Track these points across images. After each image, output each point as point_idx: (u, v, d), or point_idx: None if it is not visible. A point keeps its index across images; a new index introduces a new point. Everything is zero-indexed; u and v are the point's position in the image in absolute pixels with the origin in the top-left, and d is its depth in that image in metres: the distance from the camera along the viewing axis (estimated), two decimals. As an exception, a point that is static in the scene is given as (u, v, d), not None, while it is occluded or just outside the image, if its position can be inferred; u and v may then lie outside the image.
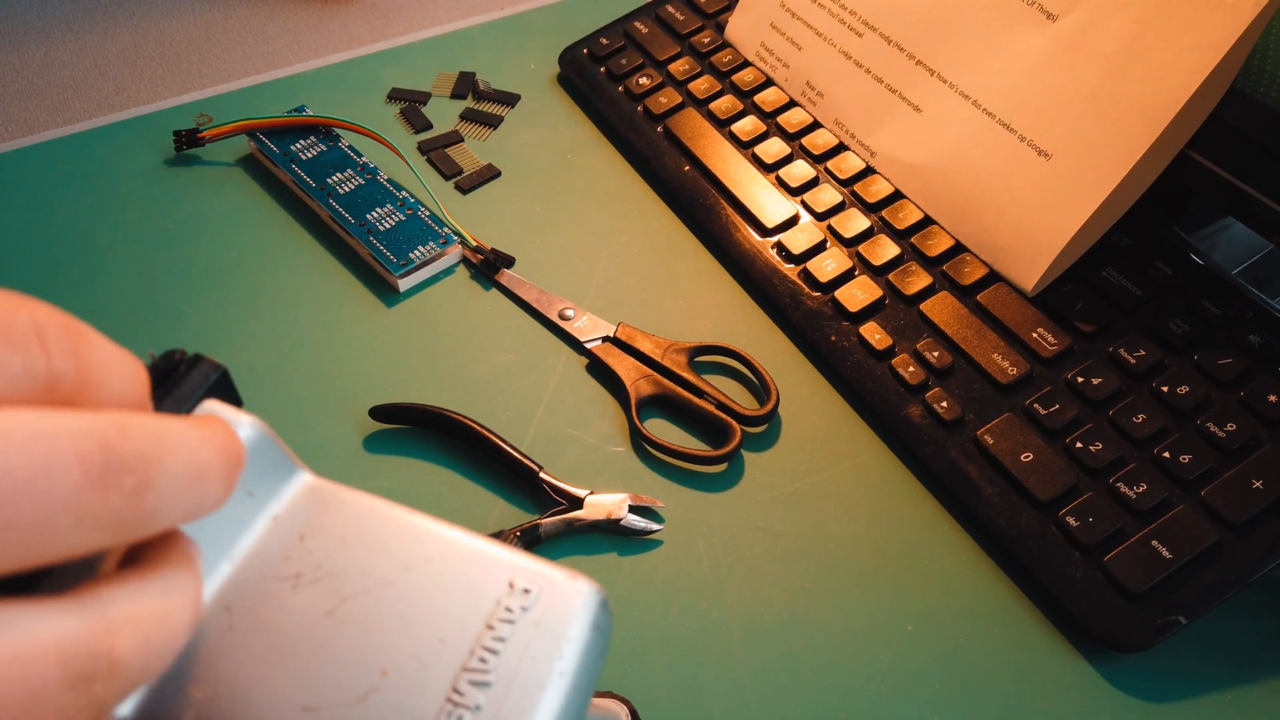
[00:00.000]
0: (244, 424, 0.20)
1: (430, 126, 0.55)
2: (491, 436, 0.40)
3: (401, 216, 0.49)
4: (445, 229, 0.49)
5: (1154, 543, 0.36)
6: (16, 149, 0.53)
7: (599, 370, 0.44)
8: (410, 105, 0.56)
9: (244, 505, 0.20)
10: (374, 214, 0.49)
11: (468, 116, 0.56)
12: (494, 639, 0.19)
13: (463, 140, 0.55)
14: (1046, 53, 0.42)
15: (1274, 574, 0.35)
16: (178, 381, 0.20)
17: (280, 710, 0.18)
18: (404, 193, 0.50)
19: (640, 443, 0.42)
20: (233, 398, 0.21)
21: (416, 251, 0.47)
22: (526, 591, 0.20)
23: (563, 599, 0.20)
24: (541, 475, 0.39)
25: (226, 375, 0.21)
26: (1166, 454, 0.37)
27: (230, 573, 0.20)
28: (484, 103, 0.57)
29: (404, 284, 0.47)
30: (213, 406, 0.20)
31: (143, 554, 0.17)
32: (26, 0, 0.63)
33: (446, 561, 0.21)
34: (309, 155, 0.51)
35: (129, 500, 0.15)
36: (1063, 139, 0.42)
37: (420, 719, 0.18)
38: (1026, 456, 0.38)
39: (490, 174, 0.53)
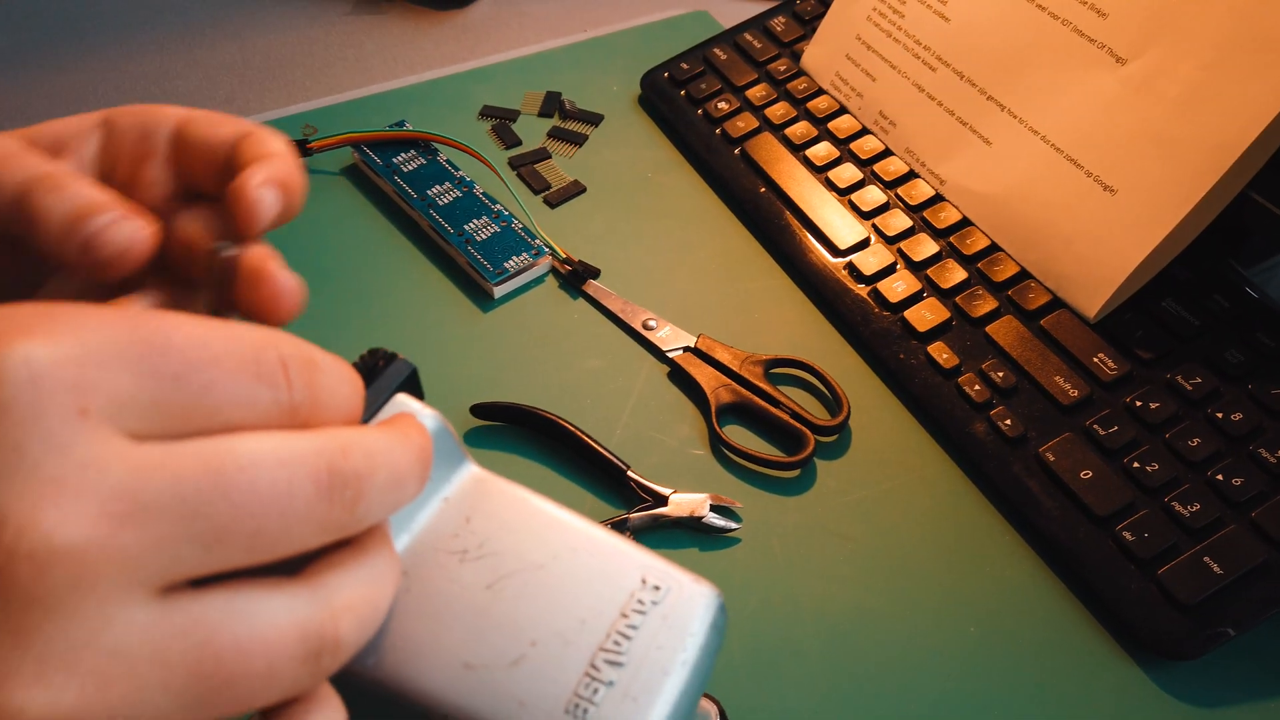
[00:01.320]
0: (427, 417, 0.24)
1: (520, 143, 0.59)
2: (583, 436, 0.43)
3: (496, 228, 0.52)
4: (537, 241, 0.52)
5: (1206, 559, 0.38)
6: (140, 154, 0.57)
7: (680, 378, 0.47)
8: (501, 122, 0.60)
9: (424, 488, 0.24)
10: (471, 225, 0.52)
11: (555, 135, 0.59)
12: (627, 626, 0.22)
13: (550, 157, 0.58)
14: (1115, 94, 0.45)
15: (1320, 593, 0.38)
16: (377, 376, 0.23)
17: (446, 664, 0.22)
18: (498, 205, 0.54)
19: (719, 447, 0.45)
20: (417, 391, 0.24)
21: (511, 261, 0.51)
22: (657, 588, 0.23)
23: (688, 598, 0.23)
24: (629, 474, 0.43)
25: (415, 373, 0.24)
26: (1219, 476, 0.40)
27: (409, 543, 0.23)
28: (569, 121, 0.60)
29: (499, 291, 0.51)
30: (403, 399, 0.24)
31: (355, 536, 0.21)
32: (141, 15, 0.68)
33: (589, 553, 0.24)
34: (410, 168, 0.55)
35: (347, 508, 0.19)
36: (1128, 175, 0.44)
37: (562, 688, 0.21)
38: (1086, 474, 0.41)
39: (576, 190, 0.56)
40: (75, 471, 0.15)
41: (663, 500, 0.42)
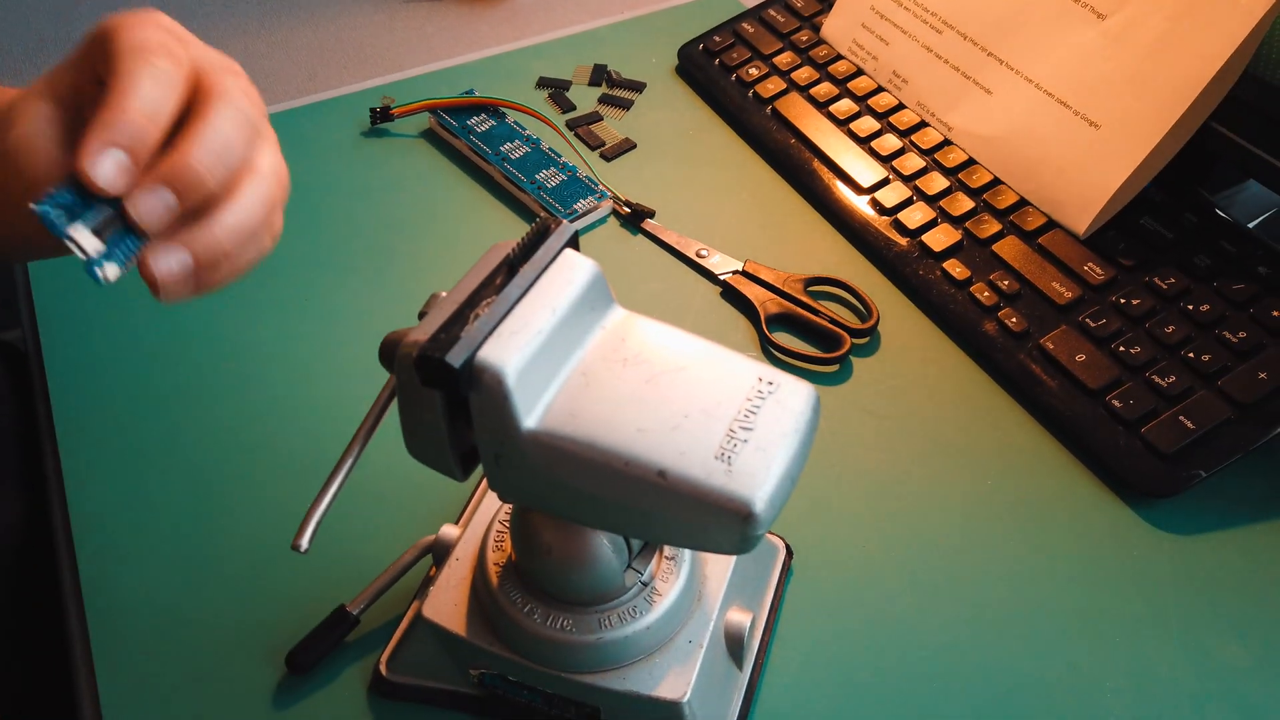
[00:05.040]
0: (589, 265, 0.31)
1: (574, 108, 0.67)
2: (656, 340, 0.51)
3: (564, 176, 0.60)
4: (600, 187, 0.60)
5: (1181, 418, 0.46)
6: (241, 122, 0.65)
7: (731, 296, 0.55)
8: (556, 91, 0.68)
9: (589, 317, 0.32)
10: (541, 175, 0.60)
11: (605, 101, 0.67)
12: (752, 407, 0.30)
13: (602, 119, 0.66)
14: (1096, 44, 0.53)
15: (1275, 443, 0.46)
16: (549, 236, 0.31)
17: (624, 430, 0.29)
18: (562, 159, 0.61)
19: (770, 349, 0.53)
20: (575, 247, 0.32)
21: (579, 204, 0.59)
22: (770, 384, 0.31)
23: (793, 391, 0.31)
24: (697, 370, 0.50)
25: (577, 234, 0.32)
26: (1191, 354, 0.48)
27: (583, 356, 0.31)
28: (616, 89, 0.68)
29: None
30: (570, 253, 0.32)
31: None
32: (218, 3, 0.76)
33: (717, 360, 0.31)
34: (483, 129, 0.63)
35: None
36: (1109, 112, 0.52)
37: (711, 443, 0.29)
38: (1080, 357, 0.49)
39: (627, 146, 0.64)
40: None
41: (726, 390, 0.50)
